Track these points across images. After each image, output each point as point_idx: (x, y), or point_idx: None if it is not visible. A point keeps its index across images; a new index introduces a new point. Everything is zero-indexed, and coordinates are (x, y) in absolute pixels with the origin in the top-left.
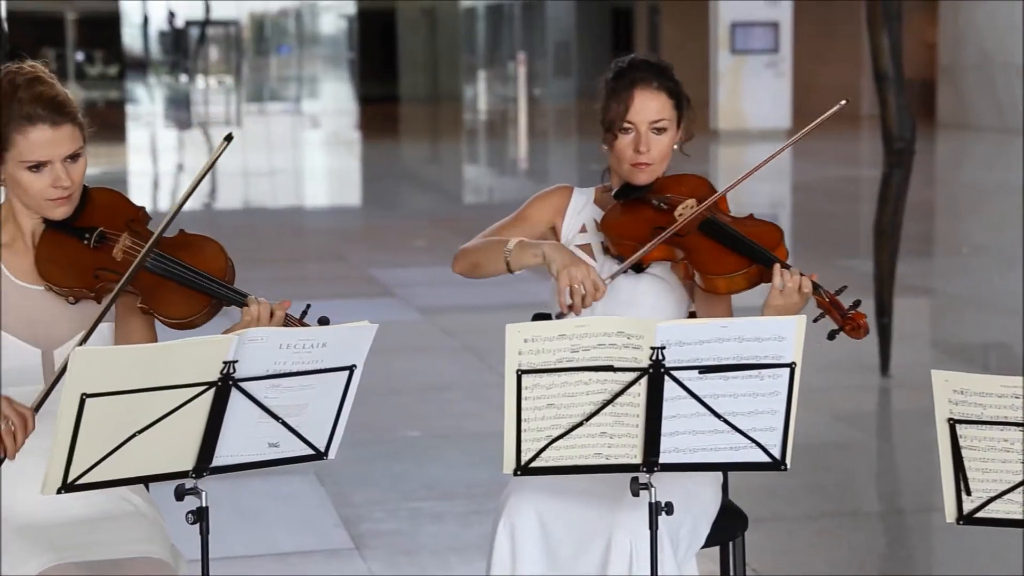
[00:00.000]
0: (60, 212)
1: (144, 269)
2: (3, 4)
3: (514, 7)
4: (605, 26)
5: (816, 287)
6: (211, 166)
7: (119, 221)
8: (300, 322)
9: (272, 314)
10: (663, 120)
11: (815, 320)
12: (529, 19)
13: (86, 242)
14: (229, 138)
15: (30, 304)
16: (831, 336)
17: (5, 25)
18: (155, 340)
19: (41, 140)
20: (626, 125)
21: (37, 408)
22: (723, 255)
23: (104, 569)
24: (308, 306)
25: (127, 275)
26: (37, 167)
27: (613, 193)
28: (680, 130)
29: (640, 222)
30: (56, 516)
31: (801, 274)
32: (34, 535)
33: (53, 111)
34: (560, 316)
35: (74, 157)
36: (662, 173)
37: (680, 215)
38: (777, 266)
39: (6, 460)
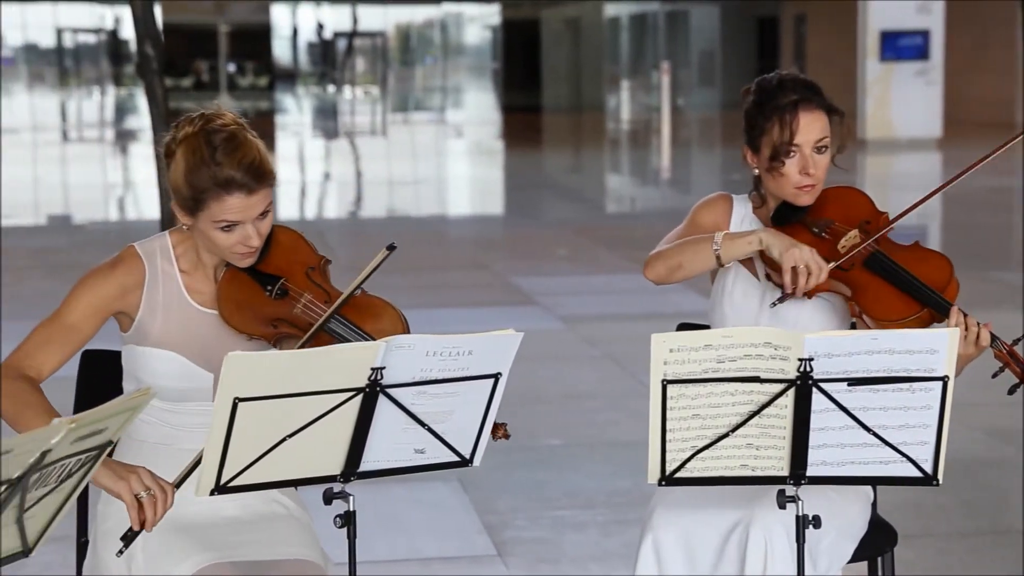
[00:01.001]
0: (245, 263)
1: (323, 332)
2: (160, 17)
3: (658, 16)
4: (750, 35)
5: (993, 339)
6: (370, 274)
7: (300, 270)
8: None
9: None
10: (826, 139)
11: (994, 375)
12: (673, 28)
13: (268, 293)
14: (391, 248)
15: (205, 329)
16: (1012, 391)
17: (162, 38)
18: None
19: (236, 207)
20: (791, 149)
21: (178, 485)
22: (891, 297)
23: (258, 569)
24: None
25: (307, 336)
26: (229, 227)
27: (771, 215)
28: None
29: None
30: (213, 517)
31: (979, 324)
32: (192, 534)
33: (251, 178)
34: (783, 299)
35: (264, 213)
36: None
37: (843, 247)
38: (953, 320)
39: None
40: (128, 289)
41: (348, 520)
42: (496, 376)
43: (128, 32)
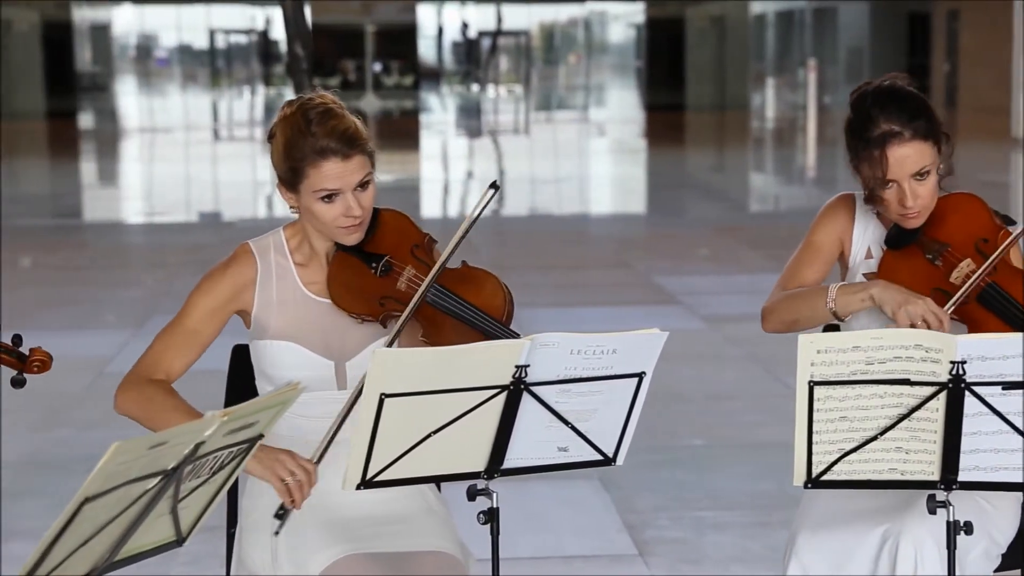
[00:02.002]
0: (352, 239)
1: (426, 303)
2: (309, 19)
3: (805, 13)
4: (901, 31)
5: None
6: (477, 217)
7: (405, 248)
8: None
9: None
10: (924, 168)
11: None
12: (820, 25)
13: (373, 270)
14: (495, 186)
15: (324, 318)
16: None
17: (311, 38)
18: None
19: (333, 173)
20: (887, 183)
21: (318, 460)
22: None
23: (396, 561)
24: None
25: (408, 311)
26: (329, 197)
27: (884, 239)
28: (940, 156)
29: (915, 281)
30: (354, 509)
31: None
32: (333, 526)
33: (344, 144)
34: None
35: (364, 185)
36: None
37: (956, 279)
38: None
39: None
40: (241, 288)
41: (491, 517)
42: (640, 375)
43: (278, 33)
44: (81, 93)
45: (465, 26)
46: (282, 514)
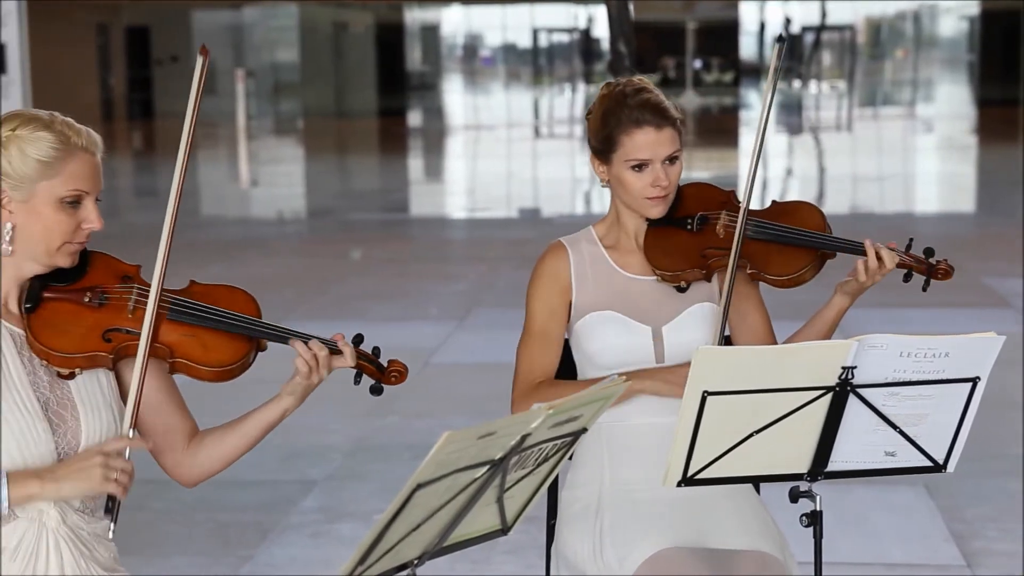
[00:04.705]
0: (656, 211)
1: (747, 238)
2: (631, 17)
3: None
4: None
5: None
6: (776, 75)
7: (714, 206)
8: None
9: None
10: None
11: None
12: None
13: (689, 227)
14: (781, 39)
15: (640, 293)
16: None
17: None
18: (765, 322)
19: (645, 142)
20: None
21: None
22: None
23: (718, 558)
24: None
25: (735, 243)
26: (639, 167)
27: None
28: None
29: None
30: (679, 503)
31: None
32: (653, 517)
33: (657, 115)
34: None
35: (672, 159)
36: None
37: None
38: None
39: None
40: (559, 276)
41: (815, 520)
42: (975, 380)
43: (600, 31)
44: (410, 92)
45: (788, 22)
46: None
